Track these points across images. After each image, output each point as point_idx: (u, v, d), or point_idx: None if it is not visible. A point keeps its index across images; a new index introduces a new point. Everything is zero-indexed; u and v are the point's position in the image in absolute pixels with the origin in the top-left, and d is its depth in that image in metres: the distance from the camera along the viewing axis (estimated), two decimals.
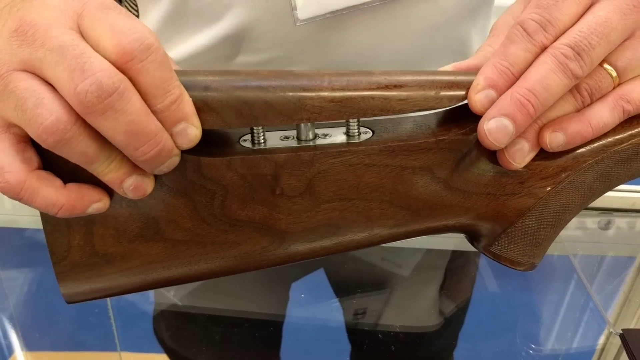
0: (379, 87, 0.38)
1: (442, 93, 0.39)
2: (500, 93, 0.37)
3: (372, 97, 0.38)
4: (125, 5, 0.65)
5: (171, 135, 0.35)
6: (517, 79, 0.37)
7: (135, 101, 0.32)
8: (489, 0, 0.68)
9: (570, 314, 0.81)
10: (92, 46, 0.32)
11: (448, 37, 0.63)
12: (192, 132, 0.35)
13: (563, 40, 0.36)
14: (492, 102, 0.37)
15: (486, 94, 0.37)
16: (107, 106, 0.31)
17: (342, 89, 0.37)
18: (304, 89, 0.37)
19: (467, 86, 0.39)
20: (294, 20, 0.55)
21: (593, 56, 0.36)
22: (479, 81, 0.38)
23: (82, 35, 0.33)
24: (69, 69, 0.31)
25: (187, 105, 0.35)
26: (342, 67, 0.60)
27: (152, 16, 0.61)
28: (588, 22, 0.36)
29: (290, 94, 0.37)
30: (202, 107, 0.36)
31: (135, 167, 0.36)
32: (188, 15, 0.58)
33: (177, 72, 0.35)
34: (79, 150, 0.33)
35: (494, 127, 0.37)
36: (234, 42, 0.58)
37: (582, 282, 0.84)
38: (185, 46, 0.60)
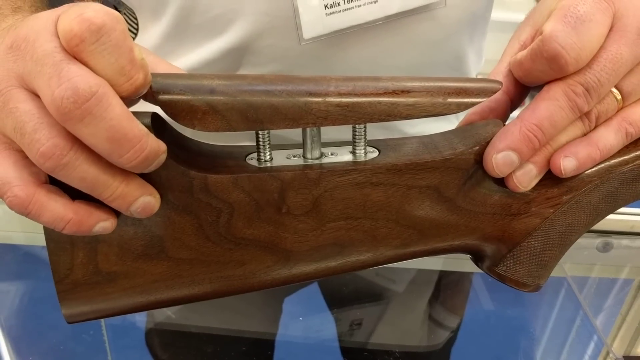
0: (386, 93, 0.37)
1: (450, 100, 0.38)
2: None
3: (379, 103, 0.37)
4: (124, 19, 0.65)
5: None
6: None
7: (115, 106, 0.31)
8: (486, 17, 0.68)
9: (567, 334, 0.81)
10: None
11: (446, 54, 0.63)
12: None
13: (576, 77, 0.37)
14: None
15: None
16: (85, 112, 0.30)
17: (349, 94, 0.37)
18: (311, 94, 0.37)
19: (475, 93, 0.38)
20: (297, 37, 0.55)
21: (601, 92, 0.37)
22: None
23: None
24: (47, 76, 0.30)
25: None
26: None
27: (153, 30, 0.61)
28: (601, 59, 0.37)
29: (297, 98, 0.36)
30: (207, 110, 0.35)
31: (141, 191, 0.35)
32: (190, 29, 0.58)
33: (183, 75, 0.35)
34: (76, 175, 0.33)
35: (501, 161, 0.38)
36: (236, 56, 0.58)
37: (579, 303, 0.84)
38: (186, 59, 0.60)
